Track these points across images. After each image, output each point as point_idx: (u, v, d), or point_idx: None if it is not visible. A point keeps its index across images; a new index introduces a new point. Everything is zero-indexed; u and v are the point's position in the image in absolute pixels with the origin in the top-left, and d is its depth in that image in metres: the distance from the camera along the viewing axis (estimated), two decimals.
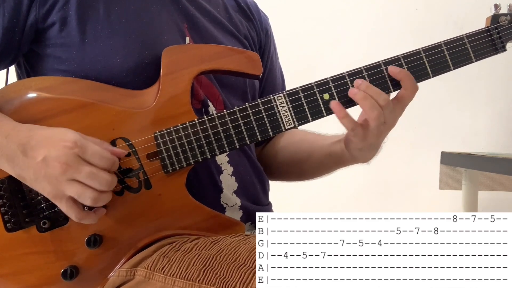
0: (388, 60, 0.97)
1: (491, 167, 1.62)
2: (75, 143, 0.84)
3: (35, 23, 0.96)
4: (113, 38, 0.97)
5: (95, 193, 0.85)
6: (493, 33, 1.00)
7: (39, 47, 0.99)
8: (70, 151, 0.84)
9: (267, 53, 1.25)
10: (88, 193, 0.85)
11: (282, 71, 1.33)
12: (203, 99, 1.04)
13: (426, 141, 2.24)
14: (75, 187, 0.84)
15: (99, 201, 0.86)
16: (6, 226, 0.90)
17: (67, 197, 0.85)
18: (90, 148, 0.85)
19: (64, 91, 0.94)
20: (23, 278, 0.92)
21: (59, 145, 0.84)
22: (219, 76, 1.07)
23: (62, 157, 0.83)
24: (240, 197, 1.08)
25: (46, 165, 0.84)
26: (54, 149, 0.84)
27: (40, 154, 0.84)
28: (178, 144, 0.94)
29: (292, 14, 2.28)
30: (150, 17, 1.02)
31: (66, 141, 0.84)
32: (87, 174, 0.84)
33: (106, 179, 0.86)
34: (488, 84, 2.24)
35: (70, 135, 0.85)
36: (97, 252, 0.92)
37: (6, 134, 0.86)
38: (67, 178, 0.84)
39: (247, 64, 0.99)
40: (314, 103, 0.96)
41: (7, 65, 1.02)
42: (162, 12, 1.03)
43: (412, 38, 2.24)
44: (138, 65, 0.98)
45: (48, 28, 0.97)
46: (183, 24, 1.06)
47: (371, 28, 2.29)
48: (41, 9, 0.95)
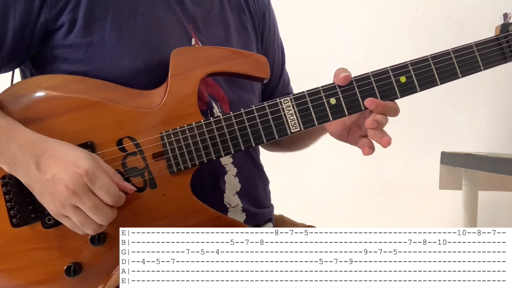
0: (396, 66, 0.97)
1: (491, 167, 1.62)
2: (87, 172, 0.84)
3: (45, 25, 0.96)
4: (121, 40, 0.98)
5: (96, 226, 0.87)
6: (502, 42, 1.00)
7: (46, 48, 0.99)
8: (80, 178, 0.84)
9: (266, 34, 1.25)
10: (89, 225, 0.87)
11: (283, 46, 1.33)
12: (207, 100, 1.05)
13: (426, 141, 2.25)
14: (77, 216, 0.86)
15: (99, 231, 0.89)
16: (11, 222, 0.91)
17: (68, 218, 0.87)
18: (100, 180, 0.85)
19: (72, 89, 0.94)
20: (27, 274, 0.93)
21: (71, 169, 0.84)
22: None
23: (70, 182, 0.84)
24: (243, 198, 1.09)
25: (53, 184, 0.84)
26: (65, 171, 0.84)
27: (51, 171, 0.85)
28: (184, 144, 0.94)
29: (292, 14, 2.27)
30: (157, 19, 1.02)
31: (78, 166, 0.85)
32: (91, 207, 0.85)
33: (108, 215, 0.87)
34: (488, 84, 2.24)
35: (85, 162, 0.85)
36: (100, 249, 0.93)
37: (21, 142, 0.87)
38: (70, 203, 0.85)
39: (254, 67, 0.99)
40: (321, 107, 0.96)
41: (15, 67, 1.02)
42: (168, 14, 1.04)
43: (412, 38, 2.25)
44: (146, 67, 0.98)
45: (58, 29, 0.97)
46: (189, 25, 1.07)
47: (371, 28, 2.29)
48: (52, 11, 0.96)
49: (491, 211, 2.24)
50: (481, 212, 1.97)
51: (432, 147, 2.18)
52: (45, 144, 0.87)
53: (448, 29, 2.25)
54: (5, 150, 0.87)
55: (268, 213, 1.18)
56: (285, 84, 1.33)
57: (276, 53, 1.30)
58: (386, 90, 0.97)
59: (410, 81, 0.98)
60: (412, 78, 0.97)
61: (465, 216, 1.95)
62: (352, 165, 2.23)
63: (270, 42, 1.27)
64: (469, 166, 1.83)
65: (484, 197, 2.04)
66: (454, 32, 2.24)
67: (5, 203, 0.91)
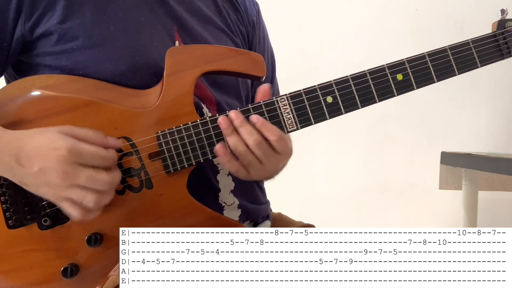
0: (393, 63, 0.97)
1: (491, 167, 1.61)
2: (68, 150, 0.83)
3: (22, 37, 0.96)
4: (102, 45, 0.97)
5: (96, 195, 0.85)
6: (499, 39, 1.00)
7: (28, 57, 0.99)
8: (64, 159, 0.83)
9: (255, 45, 1.25)
10: (89, 197, 0.85)
11: (273, 57, 1.31)
12: (196, 101, 1.04)
13: (426, 141, 2.24)
14: (77, 192, 0.84)
15: (101, 202, 0.87)
16: (7, 223, 0.91)
17: (68, 198, 0.85)
18: (85, 151, 0.84)
19: (68, 89, 0.94)
20: (24, 275, 0.92)
21: (52, 154, 0.83)
22: (211, 77, 1.07)
23: (58, 167, 0.83)
24: (238, 196, 1.08)
25: (44, 174, 0.83)
26: (48, 159, 0.83)
27: (35, 164, 0.83)
28: (180, 144, 0.94)
29: (292, 14, 2.28)
30: (138, 22, 1.01)
31: (58, 149, 0.83)
32: (86, 178, 0.84)
33: (106, 179, 0.86)
34: (488, 84, 2.24)
35: (61, 143, 0.84)
36: (97, 250, 0.93)
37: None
38: (67, 185, 0.84)
39: (250, 66, 0.99)
40: (317, 106, 0.96)
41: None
42: (150, 17, 1.03)
43: (412, 38, 2.24)
44: (129, 70, 0.98)
45: (36, 39, 0.96)
46: (173, 27, 1.06)
47: (371, 28, 2.29)
48: (27, 22, 0.95)
49: (491, 211, 2.24)
50: (481, 212, 1.97)
51: (432, 147, 2.18)
52: (18, 141, 0.86)
53: (448, 29, 2.25)
54: None
55: (265, 210, 1.18)
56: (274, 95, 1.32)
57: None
58: (383, 88, 0.97)
59: (407, 79, 0.97)
60: (409, 75, 0.97)
61: (465, 216, 1.95)
62: (352, 165, 2.22)
63: (260, 52, 1.25)
64: (469, 166, 1.83)
65: (484, 197, 2.03)
66: (454, 32, 2.24)
67: (1, 205, 0.91)
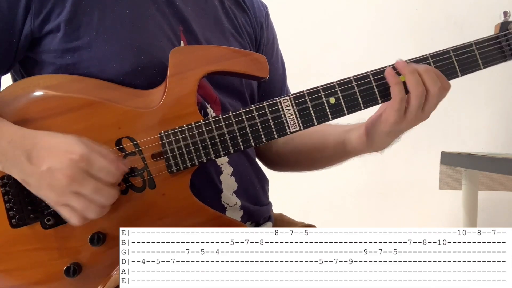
0: (391, 66, 0.97)
1: (491, 167, 1.61)
2: (82, 156, 0.83)
3: (31, 33, 0.96)
4: (108, 43, 0.97)
5: (99, 208, 0.86)
6: (502, 40, 1.00)
7: (35, 53, 0.99)
8: (76, 164, 0.83)
9: (262, 47, 1.25)
10: (92, 208, 0.85)
11: (283, 60, 1.32)
12: (201, 101, 1.04)
13: (426, 141, 2.24)
14: (80, 201, 0.85)
15: (101, 214, 0.88)
16: (10, 222, 0.91)
17: (69, 205, 0.86)
18: (97, 162, 0.85)
19: (71, 89, 0.94)
20: (26, 274, 0.92)
21: (65, 157, 0.83)
22: (215, 78, 1.07)
23: (68, 170, 0.83)
24: (240, 197, 1.08)
25: (50, 175, 0.83)
26: (60, 160, 0.83)
27: (45, 163, 0.84)
28: (183, 144, 0.94)
29: (291, 14, 2.28)
30: (145, 21, 1.01)
31: (72, 153, 0.84)
32: (92, 189, 0.84)
33: (111, 194, 0.87)
34: (488, 84, 2.24)
35: (77, 148, 0.84)
36: (100, 250, 0.93)
37: (9, 139, 0.86)
38: (71, 190, 0.84)
39: (253, 66, 0.99)
40: (320, 107, 0.96)
41: (3, 74, 1.02)
42: (157, 16, 1.03)
43: (412, 38, 2.25)
44: (134, 69, 0.98)
45: (44, 36, 0.97)
46: (178, 27, 1.06)
47: (371, 28, 2.29)
48: (36, 19, 0.96)
49: (491, 211, 2.24)
50: (481, 212, 1.97)
51: (432, 147, 2.18)
52: (33, 138, 0.87)
53: (448, 29, 2.25)
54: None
55: (267, 211, 1.18)
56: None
57: (275, 66, 1.28)
58: (386, 90, 0.97)
59: None
60: None
61: (465, 216, 1.95)
62: (352, 165, 2.21)
63: (268, 54, 1.26)
64: (469, 166, 1.83)
65: (484, 197, 2.04)
66: (454, 32, 2.24)
67: (4, 204, 0.91)
